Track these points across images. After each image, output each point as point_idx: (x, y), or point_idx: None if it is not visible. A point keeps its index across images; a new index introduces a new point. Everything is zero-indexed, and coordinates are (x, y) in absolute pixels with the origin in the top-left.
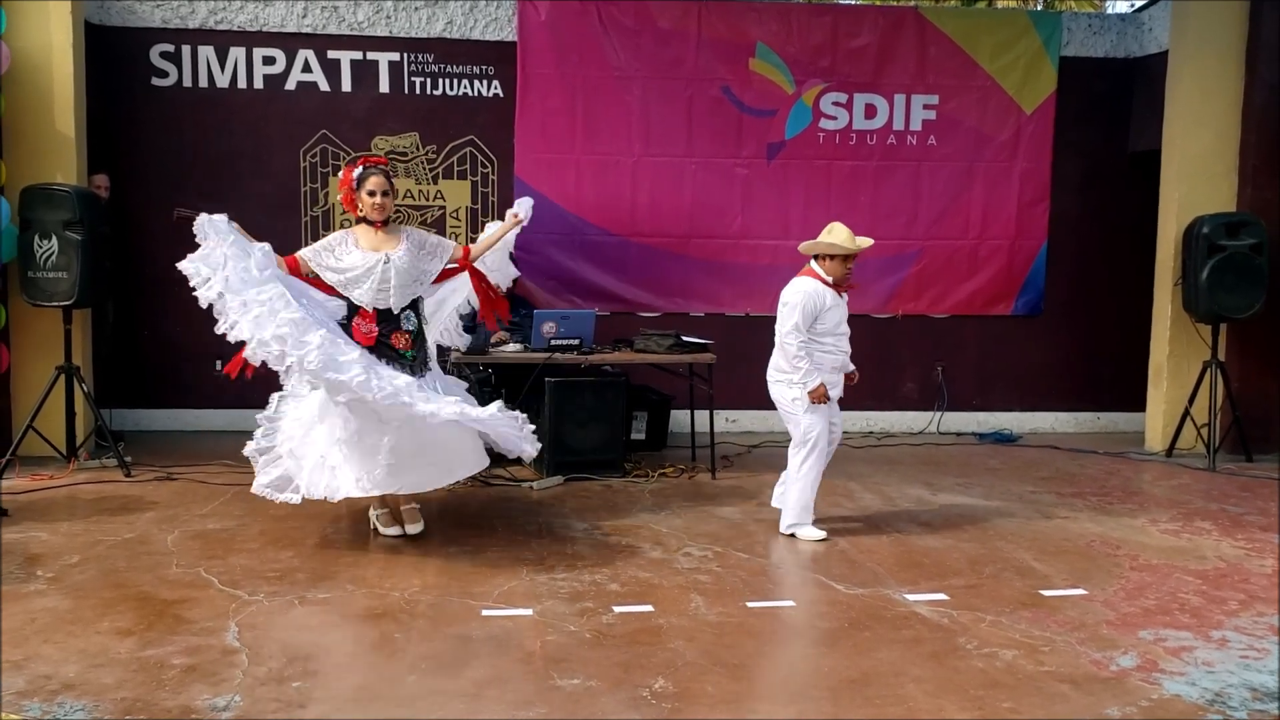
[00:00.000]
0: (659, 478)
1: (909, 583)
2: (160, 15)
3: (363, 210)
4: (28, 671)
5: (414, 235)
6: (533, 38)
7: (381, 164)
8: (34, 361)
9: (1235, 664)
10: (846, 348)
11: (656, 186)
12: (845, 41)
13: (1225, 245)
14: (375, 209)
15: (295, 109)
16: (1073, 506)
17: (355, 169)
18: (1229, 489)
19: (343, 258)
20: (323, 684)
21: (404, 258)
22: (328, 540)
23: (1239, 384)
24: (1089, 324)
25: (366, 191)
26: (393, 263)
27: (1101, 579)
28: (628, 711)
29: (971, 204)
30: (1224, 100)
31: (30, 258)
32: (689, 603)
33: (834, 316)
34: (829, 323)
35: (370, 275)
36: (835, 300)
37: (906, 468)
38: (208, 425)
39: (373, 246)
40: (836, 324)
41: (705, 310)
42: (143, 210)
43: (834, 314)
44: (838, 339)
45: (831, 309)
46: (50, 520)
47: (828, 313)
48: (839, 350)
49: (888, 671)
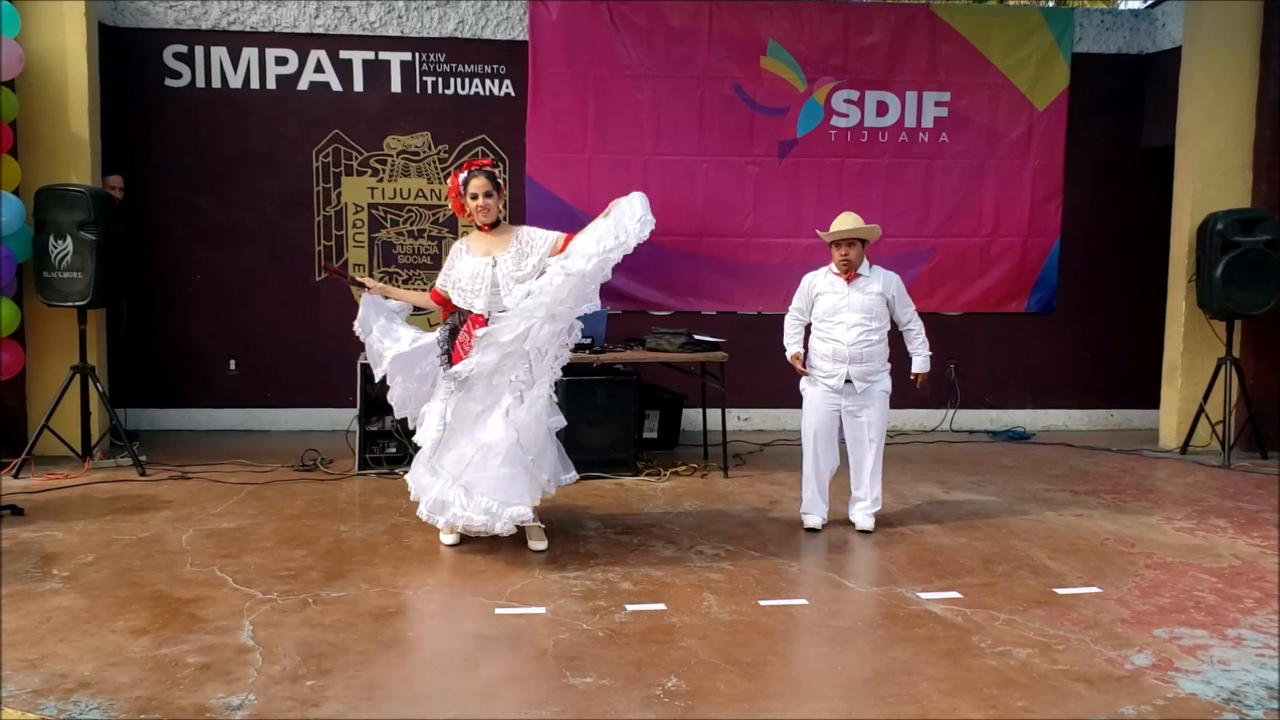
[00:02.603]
0: (671, 476)
1: (922, 581)
2: (173, 16)
3: (471, 215)
4: (43, 670)
5: (523, 234)
6: (544, 37)
7: (485, 165)
8: (49, 361)
9: (1251, 662)
10: (840, 336)
11: (668, 185)
12: (857, 39)
13: (1239, 242)
14: (481, 211)
15: (308, 109)
16: (1086, 504)
17: (460, 174)
18: (1244, 486)
19: (458, 267)
20: (336, 682)
21: (510, 259)
22: (341, 539)
23: (1254, 381)
24: (1102, 321)
25: (470, 195)
26: (499, 266)
27: (1116, 577)
28: (641, 710)
29: (984, 201)
30: (1238, 96)
31: (45, 258)
32: (701, 601)
33: (828, 303)
34: (822, 309)
35: (478, 280)
36: (831, 287)
37: (919, 466)
38: (222, 425)
39: (483, 251)
40: (830, 311)
41: (717, 309)
42: (157, 210)
43: (828, 300)
44: (832, 326)
45: (825, 295)
46: (65, 519)
47: (821, 298)
48: (830, 338)
49: (901, 670)
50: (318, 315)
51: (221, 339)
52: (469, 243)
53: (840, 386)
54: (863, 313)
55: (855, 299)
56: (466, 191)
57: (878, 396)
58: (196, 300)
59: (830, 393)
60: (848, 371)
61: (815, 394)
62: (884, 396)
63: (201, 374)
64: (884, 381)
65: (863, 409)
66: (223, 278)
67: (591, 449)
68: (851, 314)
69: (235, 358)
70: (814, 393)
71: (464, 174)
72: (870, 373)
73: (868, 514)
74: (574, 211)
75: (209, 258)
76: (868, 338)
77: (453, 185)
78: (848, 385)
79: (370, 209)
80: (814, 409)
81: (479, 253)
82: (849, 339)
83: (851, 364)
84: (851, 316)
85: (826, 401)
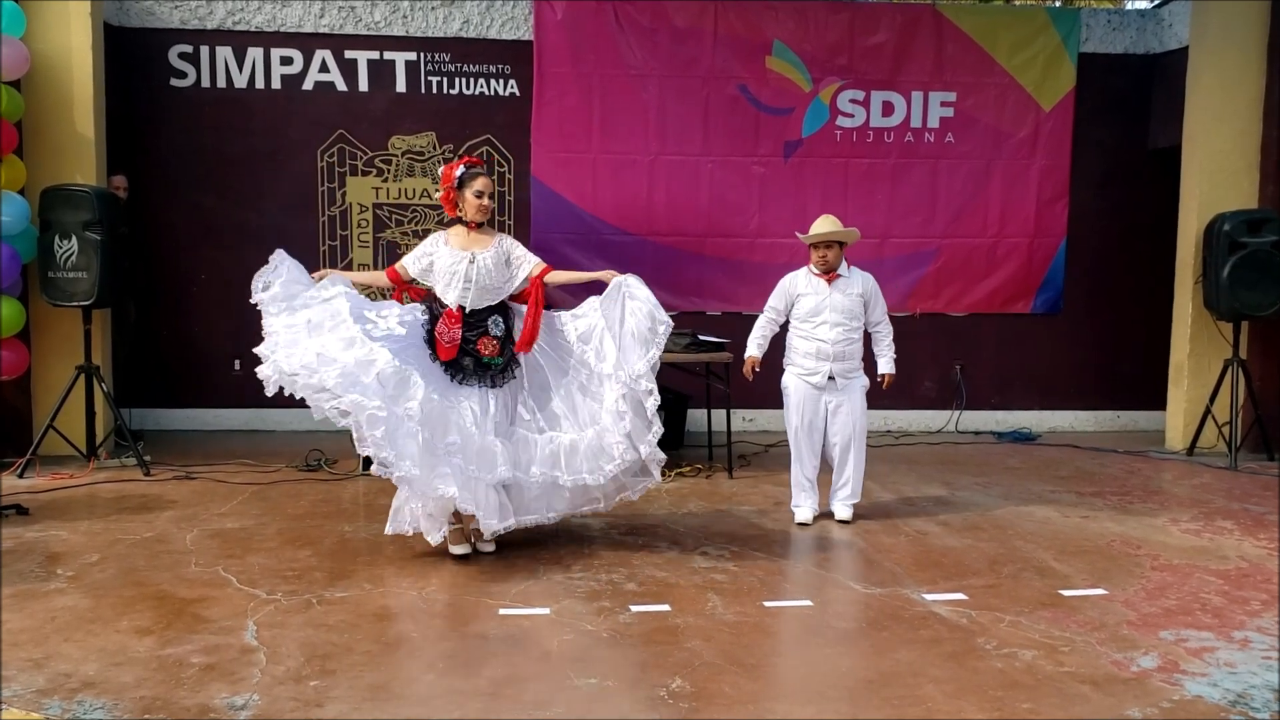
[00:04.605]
0: (676, 477)
1: (927, 582)
2: (179, 16)
3: (465, 211)
4: (48, 670)
5: (505, 243)
6: (549, 37)
7: (479, 164)
8: (54, 361)
9: (1258, 664)
10: (823, 335)
11: (673, 185)
12: (862, 39)
13: (1246, 242)
14: (481, 210)
15: (312, 109)
16: (1093, 506)
17: (457, 168)
18: (1251, 488)
19: (438, 259)
20: (340, 683)
21: (489, 260)
22: (345, 539)
23: (1261, 382)
24: (1109, 322)
25: (473, 192)
26: (477, 262)
27: (1122, 579)
28: (645, 711)
29: (990, 202)
30: (1245, 96)
31: (50, 258)
32: (706, 602)
33: (809, 303)
34: (804, 309)
35: (454, 273)
36: (813, 289)
37: (925, 467)
38: (226, 425)
39: (462, 246)
40: (813, 312)
41: (722, 309)
42: (162, 210)
43: (809, 301)
44: (815, 326)
45: (806, 296)
46: (70, 519)
47: (803, 299)
48: (812, 338)
49: (906, 672)
50: None
51: (226, 339)
52: (448, 236)
53: (824, 384)
54: (844, 313)
55: (836, 300)
56: (468, 187)
57: (858, 391)
58: (201, 300)
59: (814, 389)
60: (831, 369)
61: (799, 390)
62: (863, 391)
63: (206, 374)
64: (863, 378)
65: (844, 403)
66: (227, 278)
67: None
68: (834, 314)
69: (239, 358)
70: (798, 389)
71: (460, 169)
72: (851, 370)
73: (847, 504)
74: (578, 211)
75: (213, 258)
76: (849, 336)
77: (446, 175)
78: (830, 382)
79: (375, 209)
80: (799, 405)
81: (458, 246)
82: (832, 338)
83: (835, 361)
84: (834, 317)
85: (811, 397)
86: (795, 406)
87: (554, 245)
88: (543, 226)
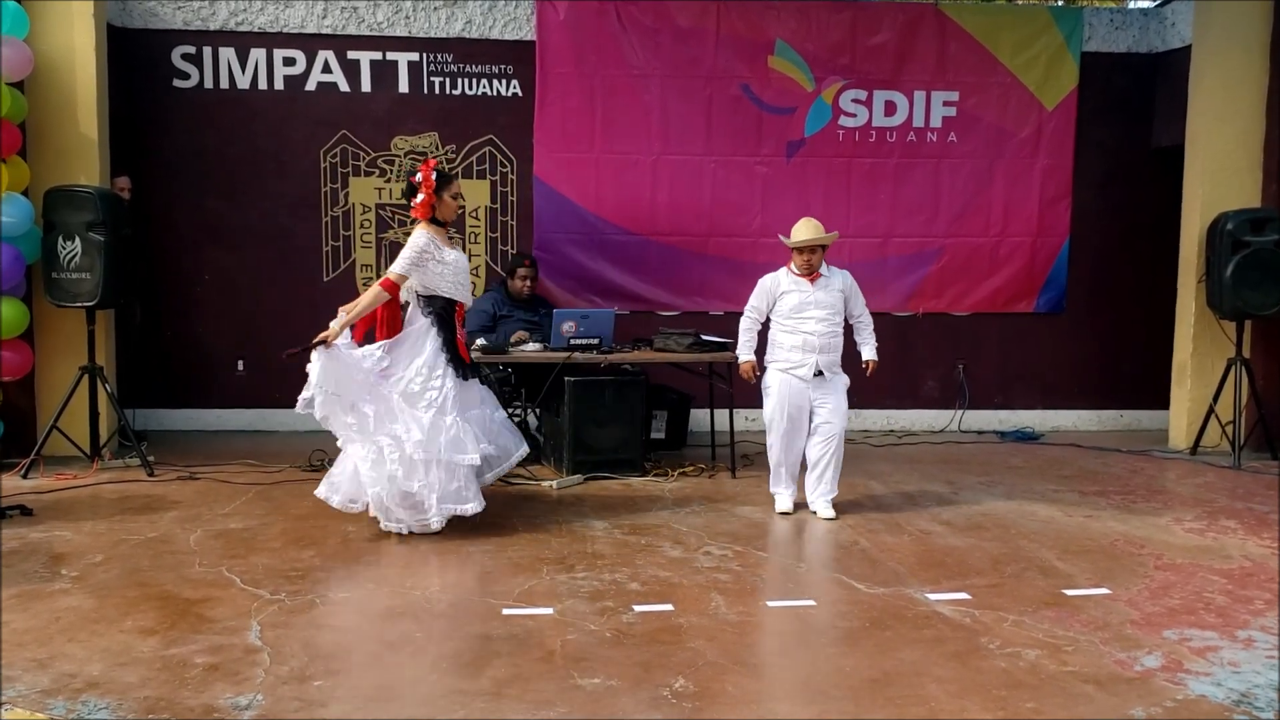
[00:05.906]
0: (679, 477)
1: (930, 582)
2: (181, 17)
3: (442, 213)
4: (52, 670)
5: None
6: (551, 37)
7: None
8: (58, 362)
9: (1262, 664)
10: (810, 329)
11: (676, 185)
12: (865, 38)
13: (1249, 241)
14: (456, 211)
15: (315, 109)
16: (1096, 505)
17: (432, 170)
18: (1254, 487)
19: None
20: (344, 683)
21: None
22: (348, 540)
23: (1264, 381)
24: (1112, 321)
25: (451, 195)
26: None
27: (1125, 578)
28: (648, 711)
29: (992, 201)
30: (1248, 95)
31: (54, 259)
32: (709, 602)
33: (793, 300)
34: (788, 305)
35: (463, 273)
36: (796, 286)
37: (928, 466)
38: (230, 425)
39: (448, 245)
40: (797, 308)
41: (725, 309)
42: (165, 211)
43: (793, 298)
44: (801, 321)
45: (790, 294)
46: (74, 519)
47: (786, 296)
48: (799, 331)
49: (909, 671)
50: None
51: (229, 339)
52: (433, 236)
53: (810, 378)
54: (828, 308)
55: (820, 296)
56: (446, 190)
57: (842, 388)
58: (204, 301)
59: (799, 383)
60: (817, 361)
61: (784, 384)
62: (846, 389)
63: (209, 374)
64: (845, 376)
65: (828, 399)
66: (230, 278)
67: (599, 449)
68: (819, 310)
69: (243, 358)
70: (782, 384)
71: (437, 170)
72: (834, 363)
73: (826, 500)
74: (581, 211)
75: (217, 258)
76: (833, 329)
77: (427, 180)
78: (818, 377)
79: (378, 209)
80: (783, 397)
81: (448, 246)
82: (819, 330)
83: (821, 354)
84: (819, 312)
85: (797, 391)
86: (779, 403)
87: (557, 245)
88: (546, 227)
